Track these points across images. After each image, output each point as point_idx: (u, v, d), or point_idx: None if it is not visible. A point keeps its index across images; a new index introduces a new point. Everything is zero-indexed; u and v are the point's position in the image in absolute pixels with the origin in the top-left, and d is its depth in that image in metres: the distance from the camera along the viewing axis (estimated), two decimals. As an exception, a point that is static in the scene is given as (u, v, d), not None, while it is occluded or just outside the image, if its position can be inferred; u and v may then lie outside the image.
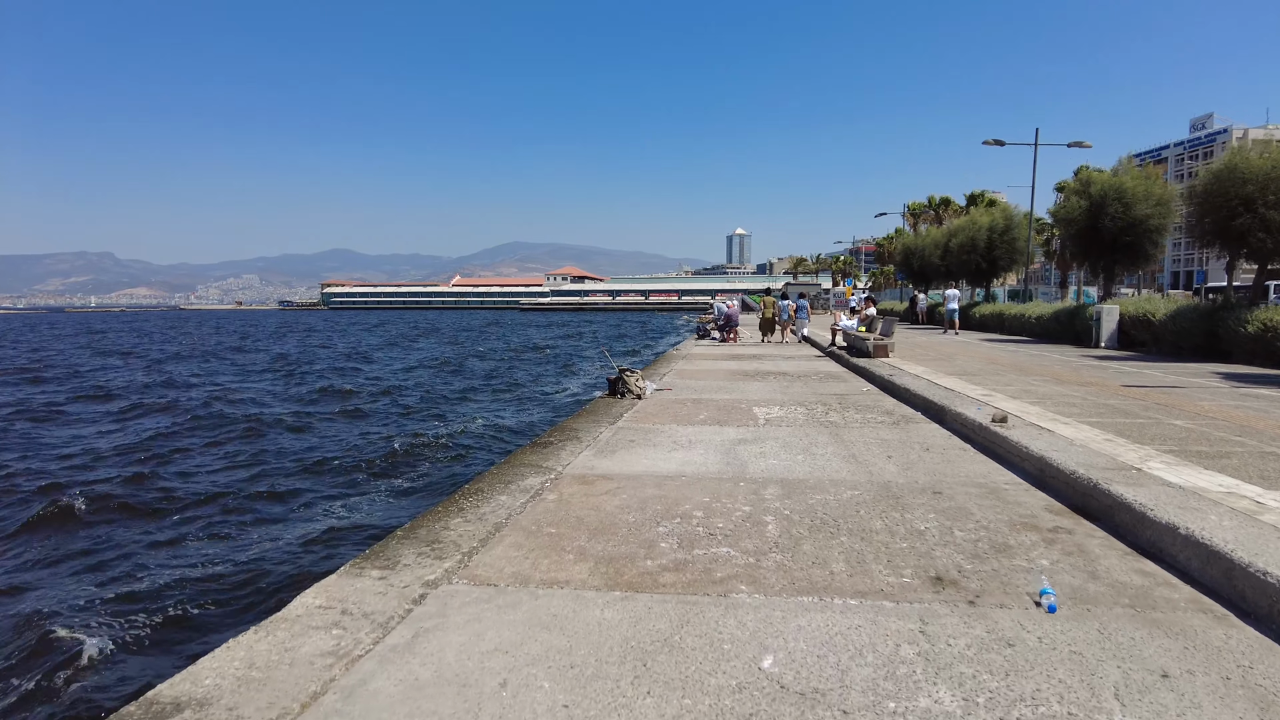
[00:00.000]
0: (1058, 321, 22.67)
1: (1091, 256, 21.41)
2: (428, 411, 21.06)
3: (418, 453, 14.96)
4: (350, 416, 19.92)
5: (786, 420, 8.83)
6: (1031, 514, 4.94)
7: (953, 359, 15.54)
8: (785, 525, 4.69)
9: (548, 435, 7.99)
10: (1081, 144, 28.09)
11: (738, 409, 9.77)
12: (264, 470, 13.79)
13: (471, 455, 14.89)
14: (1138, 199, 20.06)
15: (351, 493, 12.22)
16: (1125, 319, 18.75)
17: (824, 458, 6.70)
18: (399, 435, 16.74)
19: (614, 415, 9.28)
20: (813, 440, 7.53)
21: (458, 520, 4.85)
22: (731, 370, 15.24)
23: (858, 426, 8.36)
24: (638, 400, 10.69)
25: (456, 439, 16.41)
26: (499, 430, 17.78)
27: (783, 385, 12.52)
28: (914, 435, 7.82)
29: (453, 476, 12.87)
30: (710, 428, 8.35)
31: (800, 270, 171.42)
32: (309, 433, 17.66)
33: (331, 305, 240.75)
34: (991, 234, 31.36)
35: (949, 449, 7.12)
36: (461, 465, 14.03)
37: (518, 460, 6.67)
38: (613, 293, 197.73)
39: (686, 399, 10.79)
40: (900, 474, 6.08)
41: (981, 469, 6.28)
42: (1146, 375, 12.27)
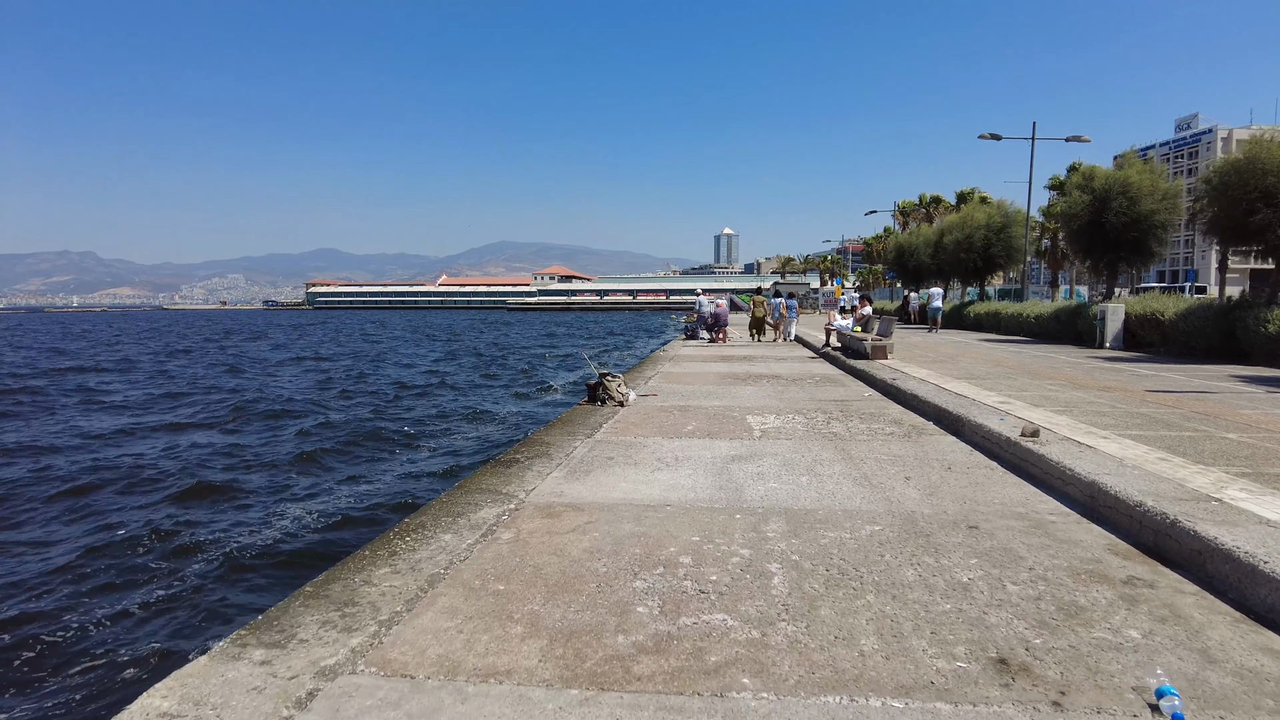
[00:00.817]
0: (1058, 321, 21.88)
1: (1094, 253, 20.62)
2: (369, 427, 17.82)
3: (359, 466, 13.77)
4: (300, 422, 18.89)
5: (785, 432, 7.89)
6: (1095, 558, 4.02)
7: (955, 361, 14.67)
8: (795, 577, 3.74)
9: (514, 451, 7.02)
10: (1080, 138, 27.36)
11: (730, 418, 8.83)
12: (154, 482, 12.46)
13: (420, 481, 12.49)
14: (1143, 194, 19.28)
15: (281, 520, 10.34)
16: (1131, 319, 17.95)
17: (832, 479, 5.76)
18: (332, 450, 15.00)
19: (592, 426, 8.32)
20: (817, 457, 6.60)
21: (384, 570, 3.88)
22: (722, 373, 14.30)
23: (865, 439, 7.43)
24: (619, 408, 9.73)
25: (404, 453, 15.04)
26: (457, 446, 15.54)
27: (777, 390, 11.60)
28: (930, 450, 6.90)
29: (397, 499, 11.16)
30: (700, 441, 7.40)
31: (788, 270, 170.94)
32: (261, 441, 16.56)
33: (316, 305, 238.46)
34: (988, 231, 30.58)
35: (974, 468, 6.19)
36: (412, 481, 12.49)
37: (474, 485, 5.69)
38: (600, 292, 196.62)
39: (673, 406, 9.83)
40: (924, 501, 5.15)
41: (1017, 494, 5.35)
42: (1167, 379, 11.42)
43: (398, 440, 16.21)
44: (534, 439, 7.62)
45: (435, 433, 17.17)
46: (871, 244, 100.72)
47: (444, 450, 15.15)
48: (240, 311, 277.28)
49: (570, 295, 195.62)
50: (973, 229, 31.16)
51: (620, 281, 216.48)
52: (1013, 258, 31.10)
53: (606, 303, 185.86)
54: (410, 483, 12.33)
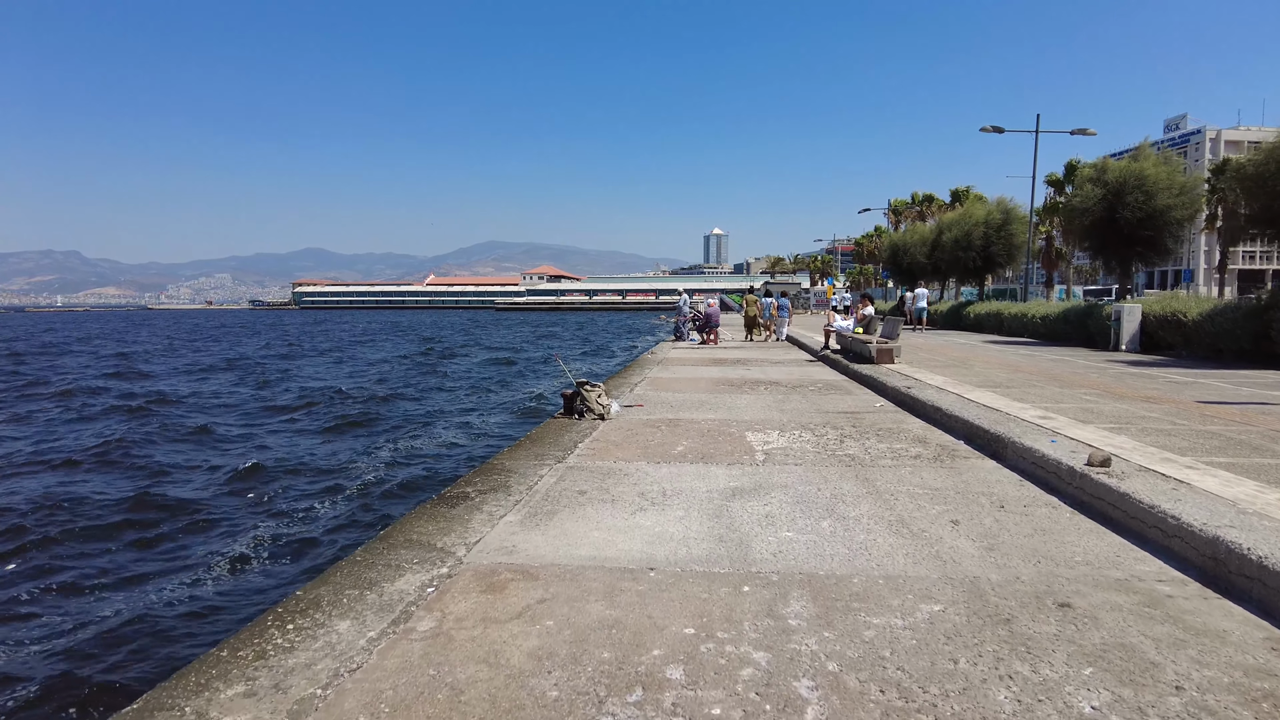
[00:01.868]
0: (1067, 322, 20.77)
1: (1107, 250, 19.52)
2: (303, 451, 15.01)
3: (262, 512, 10.69)
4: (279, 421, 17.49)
5: (793, 454, 6.67)
6: (1261, 664, 2.81)
7: (968, 365, 13.51)
8: (839, 709, 2.51)
9: (465, 482, 5.76)
10: (1085, 131, 26.31)
11: (726, 435, 7.61)
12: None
13: (347, 519, 10.00)
14: (1160, 188, 18.20)
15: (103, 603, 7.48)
16: (1150, 319, 16.85)
17: (861, 525, 4.55)
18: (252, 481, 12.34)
19: (565, 446, 7.07)
20: (836, 490, 5.38)
21: (235, 692, 2.63)
22: (715, 379, 13.09)
23: (889, 465, 6.21)
24: (599, 422, 8.49)
25: (331, 479, 12.38)
26: (397, 474, 12.45)
27: (778, 399, 10.39)
28: (971, 480, 5.69)
29: (300, 554, 8.66)
30: (692, 467, 6.16)
31: (778, 270, 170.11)
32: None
33: (303, 305, 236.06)
34: (988, 229, 29.51)
35: (1032, 506, 4.99)
36: (327, 527, 9.67)
37: (403, 534, 4.44)
38: (589, 292, 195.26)
39: (661, 420, 8.60)
40: (985, 559, 3.94)
41: (1101, 547, 4.15)
42: (1210, 387, 10.28)
43: (321, 466, 13.49)
44: (493, 464, 6.37)
45: (378, 453, 14.53)
46: (863, 243, 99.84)
47: (380, 479, 12.17)
48: (224, 311, 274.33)
49: (559, 295, 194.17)
50: (972, 226, 30.08)
51: (609, 281, 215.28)
52: (1013, 256, 30.05)
53: (595, 303, 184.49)
54: (325, 527, 9.69)
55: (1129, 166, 18.82)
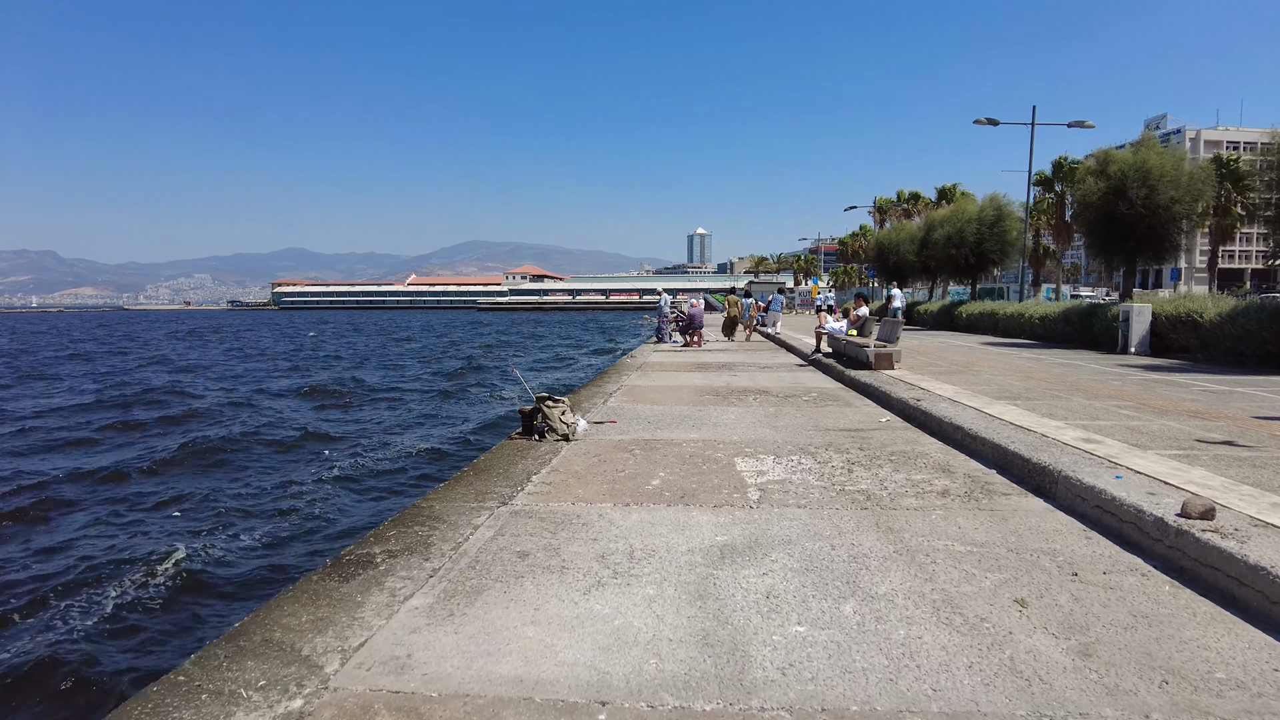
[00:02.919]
0: (1068, 323, 19.71)
1: (1110, 246, 18.46)
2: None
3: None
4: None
5: (793, 489, 5.44)
6: None
7: (974, 370, 12.36)
8: None
9: (376, 536, 4.48)
10: (1083, 123, 25.32)
11: (712, 462, 6.37)
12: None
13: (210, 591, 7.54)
14: (1165, 180, 17.15)
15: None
16: (1160, 320, 15.80)
17: (896, 610, 3.32)
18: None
19: (515, 479, 5.81)
20: (855, 547, 4.15)
21: None
22: (698, 388, 11.86)
23: (914, 506, 5.00)
24: (563, 443, 7.24)
25: (196, 522, 9.89)
26: (291, 524, 9.71)
27: (769, 413, 9.16)
28: (1024, 531, 4.47)
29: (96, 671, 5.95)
30: (670, 512, 4.92)
31: (761, 269, 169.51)
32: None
33: (282, 305, 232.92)
34: (981, 226, 28.46)
35: (1114, 571, 3.78)
36: (154, 622, 6.86)
37: (261, 629, 3.17)
38: (572, 292, 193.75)
39: (635, 441, 7.35)
40: (1083, 674, 2.72)
41: (1242, 649, 2.95)
42: (1255, 397, 9.15)
43: (194, 503, 10.74)
44: (419, 508, 5.08)
45: (274, 489, 11.46)
46: (847, 243, 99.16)
47: (269, 526, 9.56)
48: (200, 312, 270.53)
49: (542, 295, 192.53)
50: (964, 223, 29.03)
51: (593, 281, 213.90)
52: (1007, 254, 29.02)
53: (579, 302, 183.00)
54: (156, 618, 6.92)
55: (1131, 158, 17.78)
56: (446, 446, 14.68)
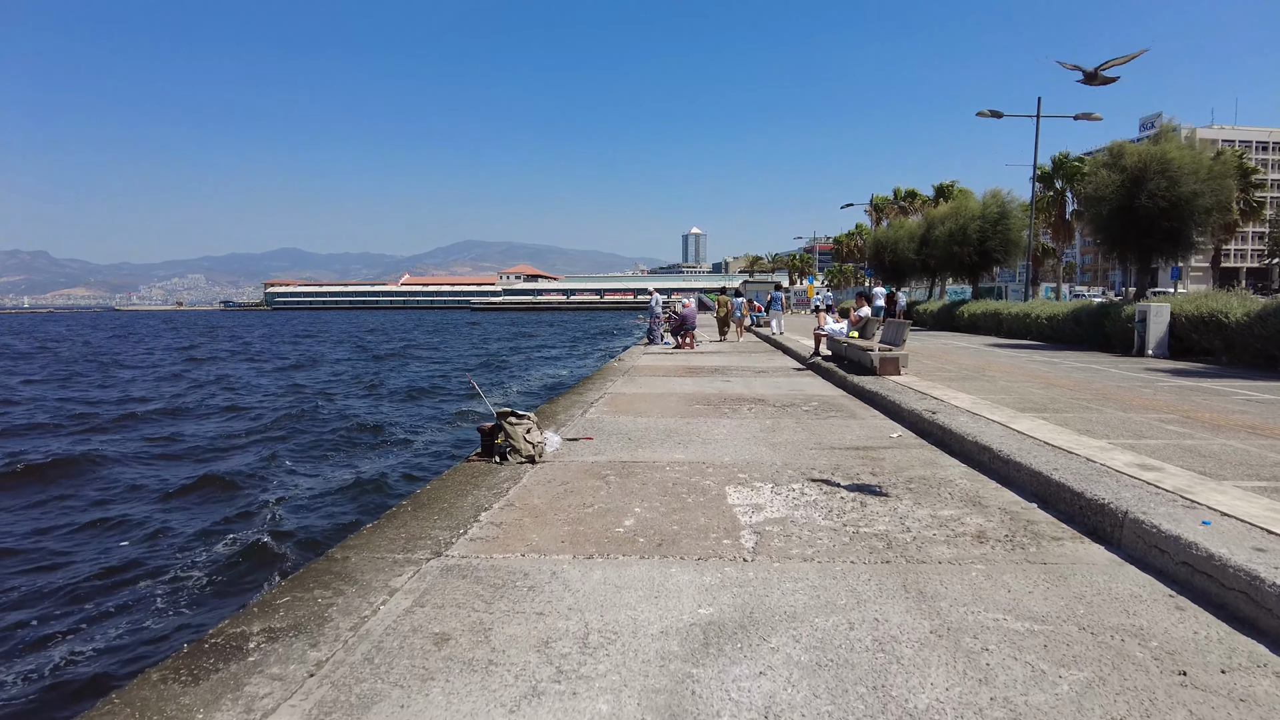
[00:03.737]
0: (1077, 323, 18.77)
1: (1125, 243, 17.53)
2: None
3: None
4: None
5: (796, 533, 4.44)
6: None
7: (987, 376, 11.39)
8: None
9: (263, 604, 3.47)
10: (1090, 116, 24.39)
11: (699, 493, 5.37)
12: None
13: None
14: (1185, 173, 16.22)
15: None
16: (1180, 320, 14.86)
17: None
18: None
19: (459, 517, 4.81)
20: (880, 626, 3.16)
21: None
22: (688, 395, 10.87)
23: (947, 558, 4.01)
24: (528, 466, 6.24)
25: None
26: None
27: (766, 426, 8.17)
28: (1095, 600, 3.48)
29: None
30: (643, 567, 3.92)
31: (756, 269, 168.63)
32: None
33: (275, 306, 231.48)
34: (984, 223, 27.54)
35: (1236, 669, 2.80)
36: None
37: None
38: (567, 291, 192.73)
39: (611, 463, 6.36)
40: None
41: None
42: (1304, 407, 8.21)
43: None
44: (330, 559, 4.07)
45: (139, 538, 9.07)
46: (842, 241, 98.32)
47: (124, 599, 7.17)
48: (191, 312, 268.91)
49: (536, 295, 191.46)
50: (967, 220, 28.12)
51: (587, 281, 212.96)
52: (1010, 252, 28.11)
53: (573, 302, 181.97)
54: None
55: (1150, 150, 16.85)
56: (395, 469, 12.61)
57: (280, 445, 14.79)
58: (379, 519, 4.95)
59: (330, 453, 14.27)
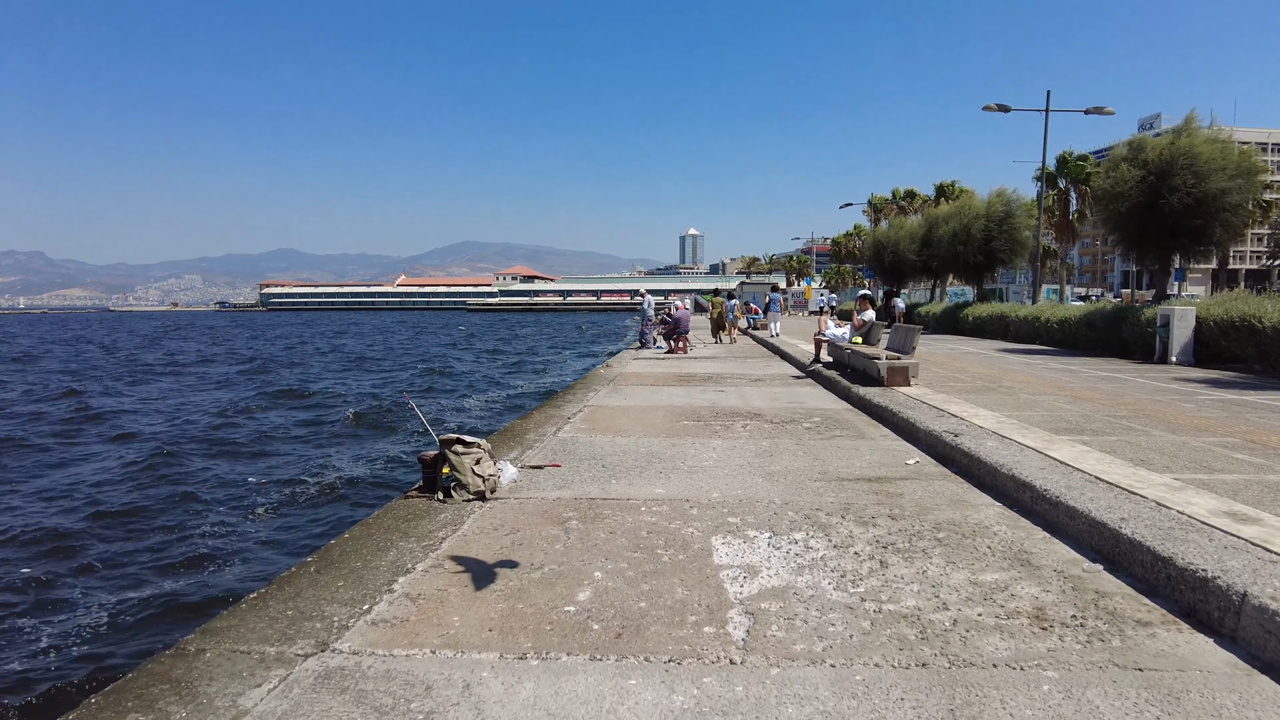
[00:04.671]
0: (1091, 327, 17.76)
1: (1145, 242, 16.50)
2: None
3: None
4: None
5: (801, 614, 3.38)
6: None
7: (1004, 387, 10.34)
8: None
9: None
10: (1102, 109, 23.39)
11: (678, 546, 4.32)
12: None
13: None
14: (1213, 168, 15.20)
15: None
16: (1207, 325, 13.85)
17: None
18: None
19: (365, 591, 3.74)
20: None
21: None
22: (677, 409, 9.82)
23: (1004, 658, 2.96)
24: (474, 504, 5.19)
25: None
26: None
27: (763, 448, 7.13)
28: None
29: None
30: (589, 680, 2.85)
31: (753, 270, 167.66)
32: None
33: (270, 306, 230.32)
34: (989, 222, 26.53)
35: None
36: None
37: None
38: (563, 293, 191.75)
39: (576, 503, 5.30)
40: None
41: None
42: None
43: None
44: (178, 654, 3.02)
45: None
46: (841, 242, 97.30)
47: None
48: (185, 314, 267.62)
49: (533, 296, 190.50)
50: (971, 219, 27.10)
51: (584, 282, 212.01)
52: (1016, 252, 27.08)
53: (570, 303, 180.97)
54: None
55: (1174, 143, 15.81)
56: (325, 502, 11.09)
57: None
58: (269, 584, 3.89)
59: (255, 480, 12.62)
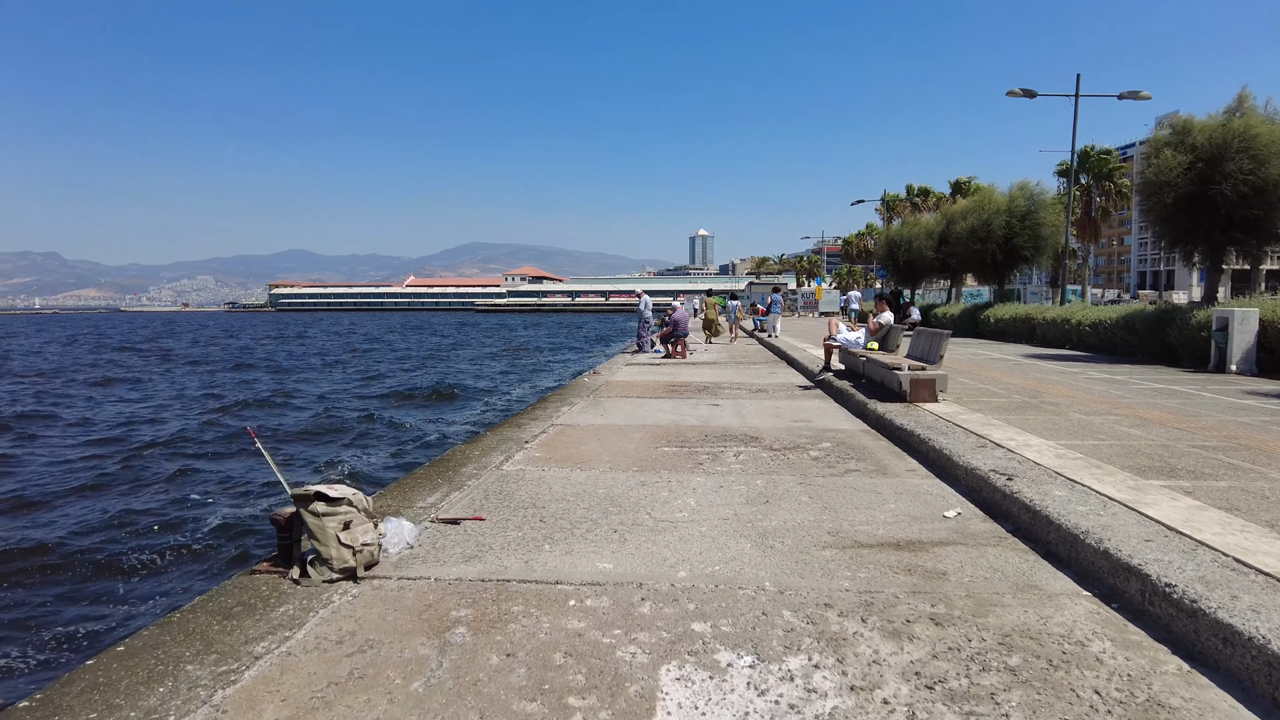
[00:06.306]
0: (1130, 331, 16.05)
1: (1194, 235, 14.78)
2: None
3: None
4: None
5: None
6: None
7: (1049, 402, 8.69)
8: None
9: None
10: (1137, 94, 21.62)
11: (604, 688, 2.71)
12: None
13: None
14: (1273, 152, 13.49)
15: None
16: (1274, 329, 12.16)
17: None
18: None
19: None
20: None
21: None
22: (660, 430, 8.22)
23: None
24: (340, 586, 3.61)
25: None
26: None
27: (757, 493, 5.51)
28: None
29: None
30: None
31: (763, 270, 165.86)
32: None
33: (279, 307, 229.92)
34: (1010, 218, 24.80)
35: None
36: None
37: None
38: (572, 293, 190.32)
39: (476, 591, 3.71)
40: None
41: None
42: None
43: None
44: None
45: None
46: (852, 242, 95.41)
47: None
48: (195, 314, 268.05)
49: (541, 296, 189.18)
50: (991, 214, 25.38)
51: (593, 283, 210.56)
52: (1040, 249, 25.34)
53: (578, 304, 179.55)
54: None
55: (1227, 126, 14.10)
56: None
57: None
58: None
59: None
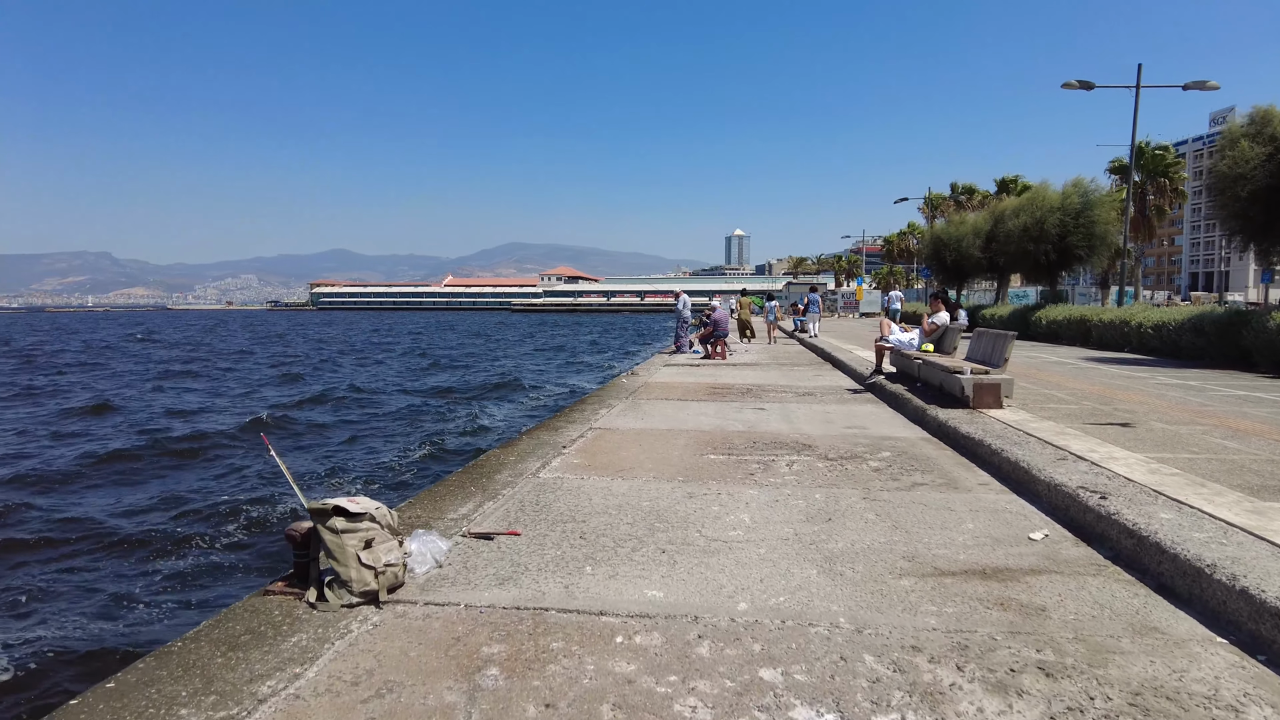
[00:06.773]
0: (1198, 334, 15.16)
1: (1271, 230, 13.89)
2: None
3: None
4: None
5: None
6: None
7: (1124, 409, 8.05)
8: None
9: None
10: (1204, 84, 20.58)
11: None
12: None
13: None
14: (1363, 140, 12.60)
15: None
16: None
17: None
18: None
19: None
20: None
21: None
22: (705, 434, 7.76)
23: None
24: (360, 612, 3.22)
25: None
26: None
27: (817, 509, 5.03)
28: None
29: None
30: None
31: (800, 271, 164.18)
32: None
33: (320, 306, 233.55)
34: (1064, 216, 23.84)
35: None
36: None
37: None
38: (607, 293, 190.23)
39: (512, 618, 3.29)
40: None
41: None
42: None
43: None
44: None
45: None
46: (893, 242, 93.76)
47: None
48: (237, 312, 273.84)
49: (576, 296, 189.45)
50: (1044, 212, 24.42)
51: (628, 283, 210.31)
52: (1094, 249, 24.32)
53: (613, 304, 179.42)
54: None
55: (1311, 112, 13.22)
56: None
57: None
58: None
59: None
